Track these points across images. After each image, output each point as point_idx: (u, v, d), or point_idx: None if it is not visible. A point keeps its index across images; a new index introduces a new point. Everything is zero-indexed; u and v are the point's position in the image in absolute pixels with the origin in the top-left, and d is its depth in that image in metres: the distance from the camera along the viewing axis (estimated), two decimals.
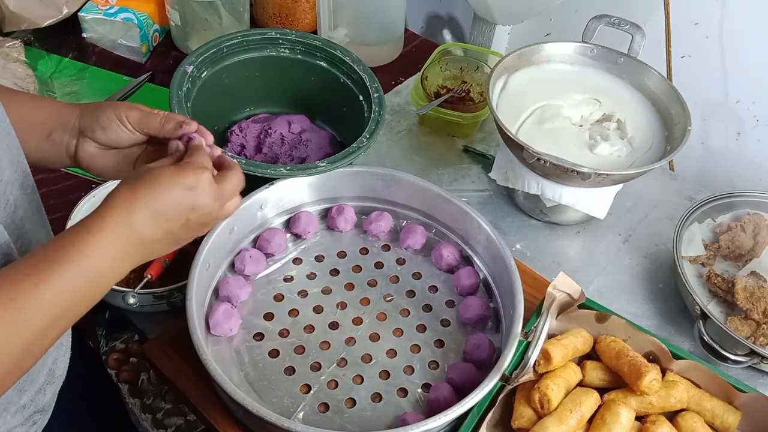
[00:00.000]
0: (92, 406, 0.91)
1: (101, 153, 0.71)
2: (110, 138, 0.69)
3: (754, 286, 0.93)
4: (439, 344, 0.87)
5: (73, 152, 0.70)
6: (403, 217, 0.99)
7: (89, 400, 0.89)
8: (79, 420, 0.84)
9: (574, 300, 0.83)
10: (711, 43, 1.17)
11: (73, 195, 1.05)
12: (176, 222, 0.60)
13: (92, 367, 0.99)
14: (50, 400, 0.72)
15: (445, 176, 1.16)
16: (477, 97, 1.23)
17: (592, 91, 1.07)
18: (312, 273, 0.93)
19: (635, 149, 1.01)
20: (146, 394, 1.40)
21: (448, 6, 1.55)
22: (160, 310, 0.91)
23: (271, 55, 1.08)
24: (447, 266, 0.94)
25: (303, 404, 0.79)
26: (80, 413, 0.85)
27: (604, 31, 1.05)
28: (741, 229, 1.01)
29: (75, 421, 0.81)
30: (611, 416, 0.75)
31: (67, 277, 0.53)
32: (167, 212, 0.59)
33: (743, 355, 0.88)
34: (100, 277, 0.56)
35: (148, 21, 1.32)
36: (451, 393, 0.79)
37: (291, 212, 0.97)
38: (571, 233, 1.09)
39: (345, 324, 0.87)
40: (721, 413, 0.78)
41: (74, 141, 0.70)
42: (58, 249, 0.54)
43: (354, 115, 1.04)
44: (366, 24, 1.31)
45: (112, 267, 0.57)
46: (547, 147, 0.94)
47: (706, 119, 1.25)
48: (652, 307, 1.00)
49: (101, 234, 0.56)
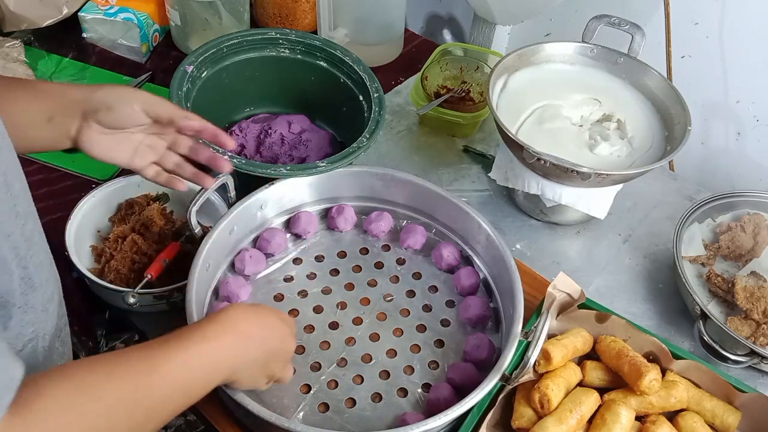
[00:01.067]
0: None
1: (103, 136, 0.71)
2: (115, 119, 0.70)
3: (754, 286, 0.93)
4: (439, 344, 0.87)
5: (74, 134, 0.70)
6: (403, 217, 0.99)
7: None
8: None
9: (574, 300, 0.83)
10: (711, 43, 1.17)
11: (73, 195, 1.05)
12: (273, 341, 0.66)
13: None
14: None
15: (445, 176, 1.16)
16: (477, 97, 1.23)
17: (592, 91, 1.07)
18: (312, 273, 0.93)
19: (635, 149, 1.01)
20: None
21: (448, 6, 1.55)
22: (160, 310, 0.91)
23: (271, 55, 1.08)
24: (447, 266, 0.94)
25: (303, 404, 0.79)
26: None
27: (604, 31, 1.05)
28: (741, 229, 1.01)
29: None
30: (611, 416, 0.75)
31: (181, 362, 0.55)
32: (269, 328, 0.65)
33: (743, 355, 0.88)
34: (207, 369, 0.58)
35: (148, 21, 1.32)
36: (451, 393, 0.79)
37: (291, 212, 0.97)
38: (571, 233, 1.09)
39: (345, 324, 0.87)
40: (721, 413, 0.78)
41: (76, 123, 0.70)
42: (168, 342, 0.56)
43: (354, 115, 1.04)
44: (366, 24, 1.31)
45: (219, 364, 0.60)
46: (547, 147, 0.94)
47: (706, 119, 1.25)
48: (652, 307, 1.00)
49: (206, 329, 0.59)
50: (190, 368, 0.56)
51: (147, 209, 0.98)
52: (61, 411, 0.46)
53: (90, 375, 0.49)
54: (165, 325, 0.87)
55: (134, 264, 0.93)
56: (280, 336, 0.66)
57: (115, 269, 0.92)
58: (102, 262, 0.93)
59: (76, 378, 0.48)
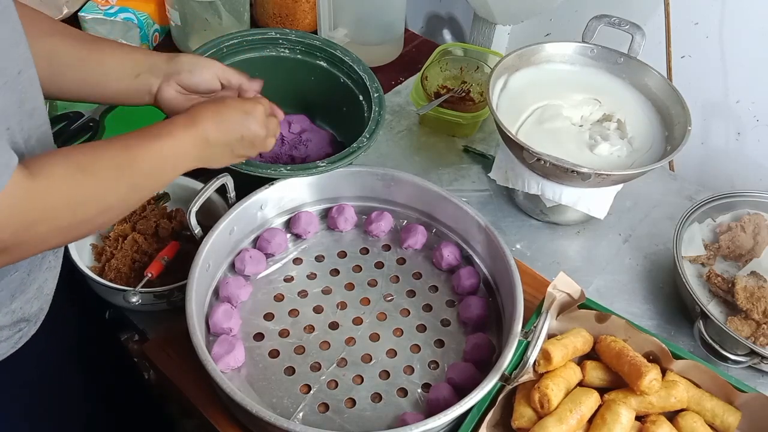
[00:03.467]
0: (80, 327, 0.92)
1: (179, 96, 0.83)
2: (192, 81, 0.83)
3: (754, 286, 0.93)
4: (439, 344, 0.87)
5: (154, 92, 0.82)
6: (404, 217, 0.99)
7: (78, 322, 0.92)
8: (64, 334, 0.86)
9: (574, 300, 0.83)
10: (711, 43, 1.17)
11: None
12: (234, 134, 0.76)
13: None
14: (36, 313, 0.76)
15: (445, 176, 1.16)
16: (477, 97, 1.23)
17: (592, 91, 1.07)
18: (312, 273, 0.93)
19: (635, 149, 1.01)
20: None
21: (448, 6, 1.55)
22: (161, 309, 0.91)
23: (271, 55, 1.08)
24: (447, 266, 0.94)
25: (303, 404, 0.79)
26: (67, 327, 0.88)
27: (604, 31, 1.05)
28: (741, 229, 1.01)
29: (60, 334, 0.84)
30: (611, 416, 0.75)
31: (153, 153, 0.68)
32: (227, 126, 0.75)
33: (743, 355, 0.88)
34: (174, 160, 0.71)
35: (148, 21, 1.32)
36: (451, 393, 0.79)
37: (291, 212, 0.97)
38: (571, 233, 1.09)
39: (345, 324, 0.87)
40: (721, 413, 0.78)
41: (158, 82, 0.82)
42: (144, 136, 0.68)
43: (354, 115, 1.04)
44: (366, 24, 1.31)
45: (185, 157, 0.72)
46: (547, 147, 0.94)
47: (706, 119, 1.25)
48: (652, 307, 1.00)
49: (173, 128, 0.71)
50: (161, 157, 0.69)
51: (148, 208, 0.98)
52: (66, 180, 0.60)
53: (84, 157, 0.63)
54: (165, 324, 0.88)
55: (135, 263, 0.93)
56: (239, 129, 0.77)
57: (115, 268, 0.92)
58: (102, 261, 0.94)
59: (73, 159, 0.62)
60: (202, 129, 0.73)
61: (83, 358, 0.91)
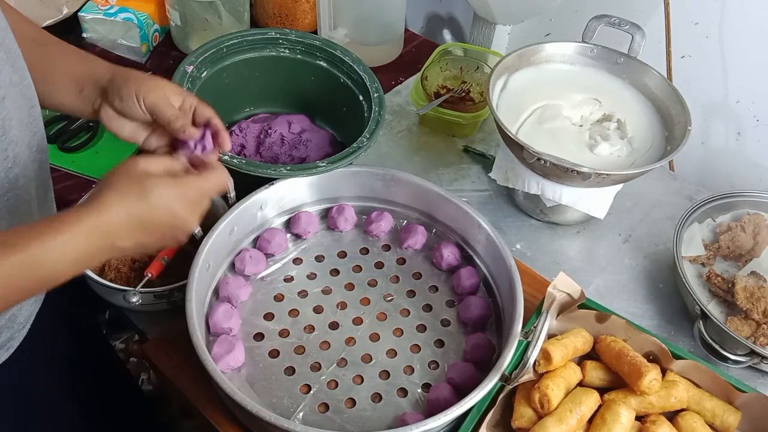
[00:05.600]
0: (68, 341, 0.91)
1: (119, 117, 0.76)
2: (124, 110, 0.75)
3: (754, 286, 0.93)
4: (439, 344, 0.87)
5: (97, 108, 0.76)
6: (403, 217, 0.99)
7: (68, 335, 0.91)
8: (54, 345, 0.86)
9: (574, 300, 0.83)
10: (711, 43, 1.17)
11: (73, 195, 1.05)
12: (153, 237, 0.65)
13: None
14: (6, 341, 0.74)
15: (445, 176, 1.16)
16: (477, 97, 1.23)
17: (592, 91, 1.07)
18: (312, 273, 0.93)
19: (635, 149, 1.01)
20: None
21: (448, 6, 1.55)
22: (161, 309, 0.91)
23: (271, 55, 1.08)
24: (447, 266, 0.94)
25: (303, 404, 0.79)
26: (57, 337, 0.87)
27: (604, 31, 1.05)
28: (741, 229, 1.01)
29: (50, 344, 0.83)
30: (611, 416, 0.75)
31: (16, 265, 0.57)
32: (148, 229, 0.64)
33: (743, 355, 0.88)
34: (53, 272, 0.60)
35: (148, 21, 1.32)
36: (451, 393, 0.79)
37: (291, 212, 0.97)
38: (571, 233, 1.09)
39: (345, 324, 0.87)
40: (721, 413, 0.78)
41: (99, 100, 0.76)
42: (22, 235, 0.58)
43: (354, 115, 1.04)
44: (366, 24, 1.31)
45: (73, 265, 0.61)
46: (547, 147, 0.94)
47: (706, 119, 1.25)
48: (652, 307, 1.00)
49: (70, 234, 0.59)
50: (66, 260, 0.60)
51: None
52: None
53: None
54: (165, 324, 0.88)
55: (134, 263, 0.93)
56: (156, 239, 0.66)
57: (115, 268, 0.92)
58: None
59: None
60: (113, 240, 0.62)
61: (74, 369, 0.91)
